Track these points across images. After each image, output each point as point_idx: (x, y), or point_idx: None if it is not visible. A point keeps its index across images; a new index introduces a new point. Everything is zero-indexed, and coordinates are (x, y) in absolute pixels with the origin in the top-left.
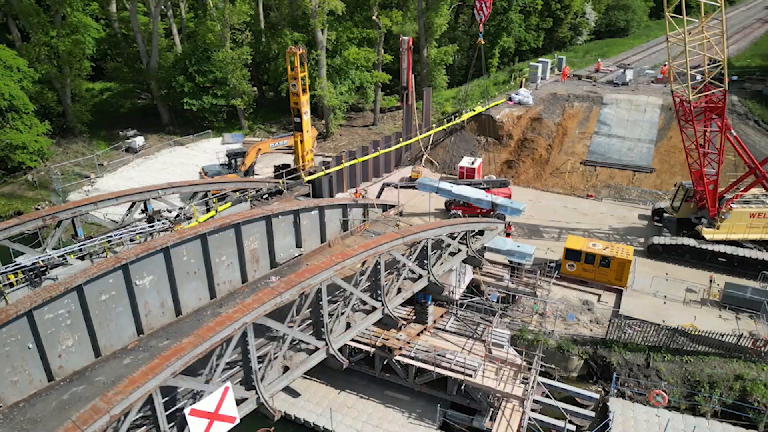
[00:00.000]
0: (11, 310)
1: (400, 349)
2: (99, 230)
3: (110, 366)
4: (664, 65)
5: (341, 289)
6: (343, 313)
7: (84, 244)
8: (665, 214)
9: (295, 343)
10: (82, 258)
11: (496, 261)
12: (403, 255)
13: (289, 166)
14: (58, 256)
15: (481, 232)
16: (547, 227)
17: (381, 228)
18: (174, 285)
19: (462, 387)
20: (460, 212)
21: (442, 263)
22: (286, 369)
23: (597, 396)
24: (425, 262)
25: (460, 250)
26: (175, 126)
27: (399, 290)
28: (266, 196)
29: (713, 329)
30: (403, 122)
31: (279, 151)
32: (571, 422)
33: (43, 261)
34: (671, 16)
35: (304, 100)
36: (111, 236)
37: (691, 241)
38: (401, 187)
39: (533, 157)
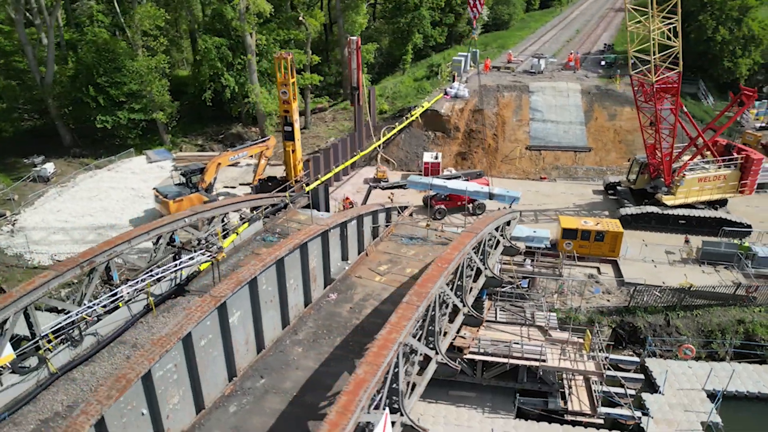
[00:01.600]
0: (130, 373)
1: (468, 347)
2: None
3: (217, 418)
4: (570, 54)
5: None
6: (441, 319)
7: (120, 290)
8: (619, 187)
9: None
10: (116, 306)
11: None
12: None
13: (275, 178)
14: (102, 307)
15: (507, 222)
16: (523, 212)
17: (407, 231)
18: (258, 318)
19: (538, 373)
20: (443, 206)
21: (491, 257)
22: (412, 385)
23: (638, 360)
24: (482, 257)
25: (498, 242)
26: (81, 147)
27: (471, 289)
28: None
29: (704, 283)
30: (355, 123)
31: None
32: (628, 387)
33: (88, 315)
34: (632, 8)
35: (295, 107)
36: (151, 276)
37: (654, 209)
38: (387, 187)
39: (483, 147)
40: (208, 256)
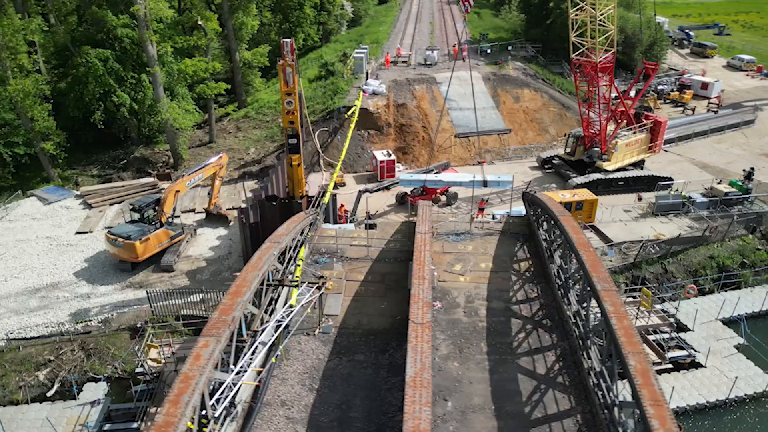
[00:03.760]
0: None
1: None
2: None
3: None
4: (454, 46)
5: None
6: None
7: (257, 344)
8: (555, 161)
9: None
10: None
11: None
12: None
13: (275, 197)
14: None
15: None
16: (489, 194)
17: (445, 228)
18: None
19: None
20: (423, 201)
21: None
22: None
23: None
24: None
25: None
26: None
27: None
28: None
29: (667, 231)
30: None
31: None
32: (670, 331)
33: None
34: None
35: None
36: (277, 321)
37: (599, 175)
38: (376, 190)
39: (418, 140)
40: (317, 288)
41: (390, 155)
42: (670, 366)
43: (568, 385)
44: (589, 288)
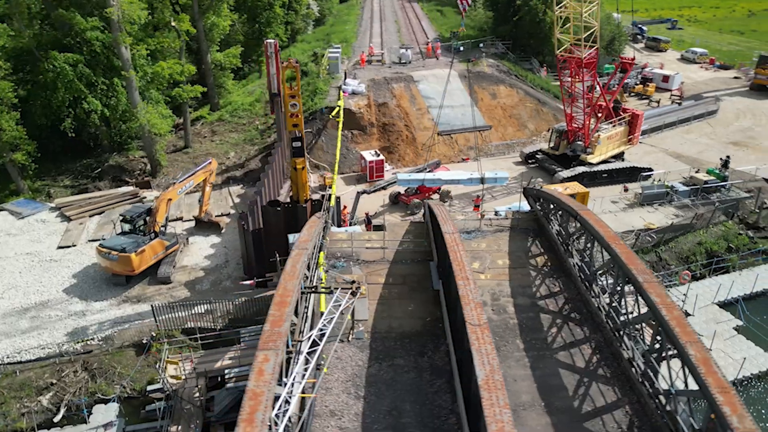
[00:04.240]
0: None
1: None
2: None
3: None
4: (428, 44)
5: None
6: None
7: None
8: (538, 156)
9: None
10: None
11: None
12: None
13: (278, 202)
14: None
15: None
16: (476, 192)
17: (457, 226)
18: None
19: None
20: (417, 200)
21: None
22: None
23: None
24: None
25: None
26: None
27: None
28: None
29: (655, 221)
30: (279, 131)
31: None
32: None
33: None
34: None
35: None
36: (320, 330)
37: (584, 168)
38: (374, 191)
39: (403, 139)
40: (353, 293)
41: (378, 155)
42: None
43: (609, 377)
44: (627, 281)
